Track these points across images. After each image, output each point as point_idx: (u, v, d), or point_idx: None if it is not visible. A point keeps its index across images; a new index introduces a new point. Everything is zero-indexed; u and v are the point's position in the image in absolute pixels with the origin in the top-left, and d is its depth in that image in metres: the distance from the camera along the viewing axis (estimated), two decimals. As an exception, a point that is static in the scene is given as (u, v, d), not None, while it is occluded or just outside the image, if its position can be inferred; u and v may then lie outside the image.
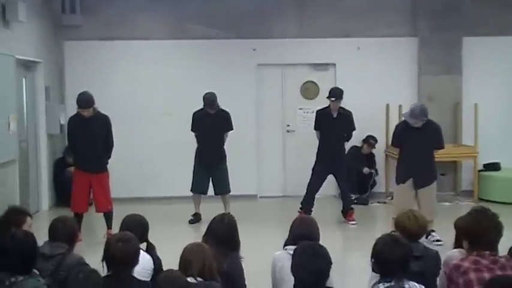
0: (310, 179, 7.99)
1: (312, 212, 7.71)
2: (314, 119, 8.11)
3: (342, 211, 8.09)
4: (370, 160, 9.65)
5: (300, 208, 7.94)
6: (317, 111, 8.13)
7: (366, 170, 9.40)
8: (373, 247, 3.30)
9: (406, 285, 3.20)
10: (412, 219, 3.98)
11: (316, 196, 8.06)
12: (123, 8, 9.66)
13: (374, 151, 9.70)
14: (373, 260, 3.28)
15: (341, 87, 8.14)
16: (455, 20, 9.60)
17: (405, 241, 3.32)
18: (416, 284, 3.26)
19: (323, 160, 7.91)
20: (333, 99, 7.83)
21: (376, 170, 9.66)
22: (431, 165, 6.98)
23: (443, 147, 7.18)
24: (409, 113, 6.86)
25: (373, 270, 3.34)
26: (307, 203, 7.91)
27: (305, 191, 7.98)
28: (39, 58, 8.88)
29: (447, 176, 9.20)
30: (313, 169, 8.02)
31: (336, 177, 8.01)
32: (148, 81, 9.64)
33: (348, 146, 9.21)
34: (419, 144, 6.81)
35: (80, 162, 7.20)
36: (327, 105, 7.99)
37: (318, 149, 8.00)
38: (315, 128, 8.09)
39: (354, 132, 8.13)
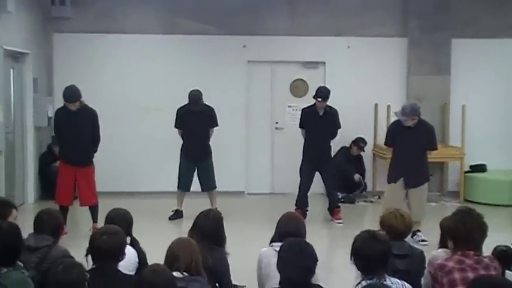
0: (300, 179, 8.01)
1: (308, 211, 7.73)
2: (299, 117, 8.11)
3: (329, 209, 8.10)
4: (358, 162, 9.65)
5: (295, 209, 7.94)
6: (303, 109, 8.13)
7: (356, 176, 9.37)
8: (352, 245, 3.30)
9: (388, 281, 3.21)
10: (399, 218, 4.00)
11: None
12: (113, 1, 9.61)
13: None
14: (353, 258, 3.28)
15: (328, 87, 8.13)
16: (444, 21, 9.65)
17: (384, 237, 3.33)
18: (398, 280, 3.27)
19: (309, 158, 7.92)
20: (320, 100, 7.82)
21: (364, 173, 9.65)
22: (423, 166, 6.98)
23: (436, 149, 7.18)
24: (400, 111, 6.88)
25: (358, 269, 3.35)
26: (301, 203, 7.92)
27: (297, 191, 8.00)
28: (27, 49, 8.81)
29: (434, 177, 9.22)
30: (300, 168, 8.03)
31: (321, 175, 8.01)
32: (137, 76, 9.59)
33: (337, 146, 9.30)
34: (411, 144, 6.83)
35: (66, 155, 7.16)
36: (312, 103, 7.98)
37: (304, 147, 8.01)
38: (300, 126, 8.08)
39: (341, 131, 8.13)
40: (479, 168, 9.57)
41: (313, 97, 7.96)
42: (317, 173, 8.04)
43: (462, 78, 9.74)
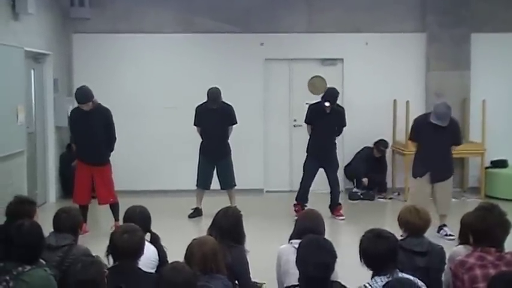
0: (303, 175, 8.02)
1: (306, 207, 7.70)
2: (306, 113, 8.08)
3: (330, 206, 8.00)
4: (380, 163, 9.57)
5: (295, 204, 7.98)
6: (310, 106, 8.10)
7: (365, 180, 9.35)
8: (359, 246, 3.30)
9: (401, 275, 3.21)
10: (414, 213, 3.97)
11: (311, 191, 8.06)
12: (131, 1, 9.67)
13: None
14: (362, 260, 3.28)
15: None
16: (463, 15, 9.55)
17: (388, 233, 3.31)
18: (410, 276, 3.25)
19: (314, 155, 7.91)
20: (327, 104, 7.79)
21: (384, 173, 9.56)
22: (449, 160, 7.04)
23: (461, 143, 7.26)
24: (436, 115, 6.80)
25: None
26: (302, 199, 7.95)
27: (296, 187, 8.03)
28: (48, 50, 8.91)
29: (454, 173, 9.13)
30: (304, 164, 8.04)
31: (326, 171, 7.98)
32: (155, 75, 9.65)
33: (358, 146, 9.40)
34: (439, 139, 6.85)
35: (81, 155, 7.23)
36: (319, 100, 7.96)
37: (309, 144, 8.01)
38: (307, 122, 8.05)
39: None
40: (500, 163, 9.46)
41: (321, 98, 7.94)
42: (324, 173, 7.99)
43: (482, 73, 9.63)
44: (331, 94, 7.91)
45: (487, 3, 9.63)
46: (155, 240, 4.20)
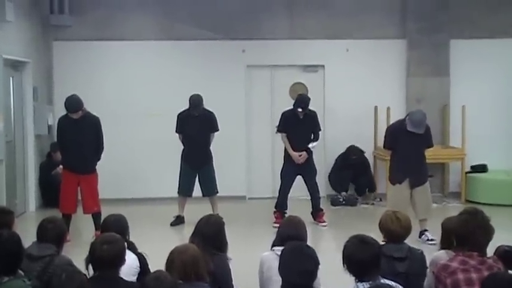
0: (281, 182, 8.03)
1: (286, 214, 7.70)
2: (279, 121, 8.07)
3: (312, 213, 8.01)
4: (360, 165, 9.56)
5: (275, 211, 7.97)
6: (283, 113, 8.09)
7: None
8: (343, 252, 3.29)
9: (383, 281, 3.22)
10: (395, 221, 3.99)
11: (292, 197, 8.07)
12: (112, 8, 9.63)
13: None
14: (345, 265, 3.27)
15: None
16: (443, 22, 9.66)
17: (372, 240, 3.32)
18: (391, 282, 3.26)
19: (291, 162, 7.90)
20: (300, 110, 7.83)
21: (368, 175, 9.60)
22: (425, 164, 7.17)
23: (432, 146, 7.34)
24: (412, 122, 6.85)
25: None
26: (281, 206, 7.95)
27: (277, 194, 8.04)
28: (27, 58, 8.83)
29: (435, 178, 9.23)
30: (281, 172, 8.05)
31: (303, 178, 7.99)
32: (137, 82, 9.61)
33: (340, 149, 9.42)
34: (414, 145, 6.95)
35: (69, 163, 7.17)
36: (292, 107, 7.97)
37: (286, 151, 7.98)
38: (281, 130, 8.02)
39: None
40: (480, 168, 9.56)
41: (293, 105, 7.96)
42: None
43: (461, 79, 9.74)
44: (303, 100, 7.97)
45: (466, 10, 9.74)
46: (132, 248, 4.16)
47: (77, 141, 7.03)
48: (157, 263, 3.56)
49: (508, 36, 9.77)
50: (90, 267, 3.38)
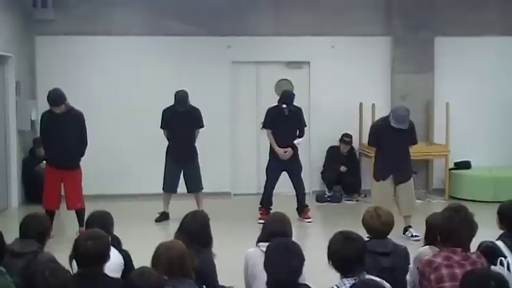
0: (266, 179, 8.03)
1: (272, 210, 7.70)
2: (265, 117, 8.05)
3: (297, 209, 8.01)
4: (350, 159, 9.62)
5: (260, 208, 7.97)
6: (268, 109, 8.08)
7: (342, 168, 9.44)
8: (328, 248, 3.30)
9: (367, 277, 3.23)
10: (375, 218, 4.02)
11: (277, 193, 8.06)
12: (96, 3, 9.55)
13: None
14: (330, 261, 3.28)
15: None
16: (428, 19, 9.72)
17: (357, 236, 3.34)
18: (376, 278, 3.28)
19: (276, 158, 7.89)
20: (285, 106, 7.85)
21: (357, 170, 9.63)
22: (409, 161, 7.19)
23: (417, 143, 7.39)
24: (396, 117, 6.87)
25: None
26: (266, 202, 7.95)
27: (262, 191, 8.04)
28: (9, 52, 8.73)
29: (419, 174, 9.30)
30: (266, 168, 8.05)
31: (289, 174, 7.99)
32: (121, 77, 9.54)
33: (325, 146, 9.41)
34: (398, 142, 6.97)
35: (52, 159, 7.10)
36: (277, 103, 7.97)
37: (271, 147, 7.97)
38: (267, 127, 8.00)
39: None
40: (464, 165, 9.64)
41: (278, 102, 7.97)
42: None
43: (445, 76, 9.81)
44: (288, 96, 8.00)
45: (451, 8, 9.81)
46: (116, 243, 4.14)
47: (61, 136, 6.96)
48: (142, 260, 3.54)
49: (492, 34, 9.86)
50: (74, 263, 3.36)
